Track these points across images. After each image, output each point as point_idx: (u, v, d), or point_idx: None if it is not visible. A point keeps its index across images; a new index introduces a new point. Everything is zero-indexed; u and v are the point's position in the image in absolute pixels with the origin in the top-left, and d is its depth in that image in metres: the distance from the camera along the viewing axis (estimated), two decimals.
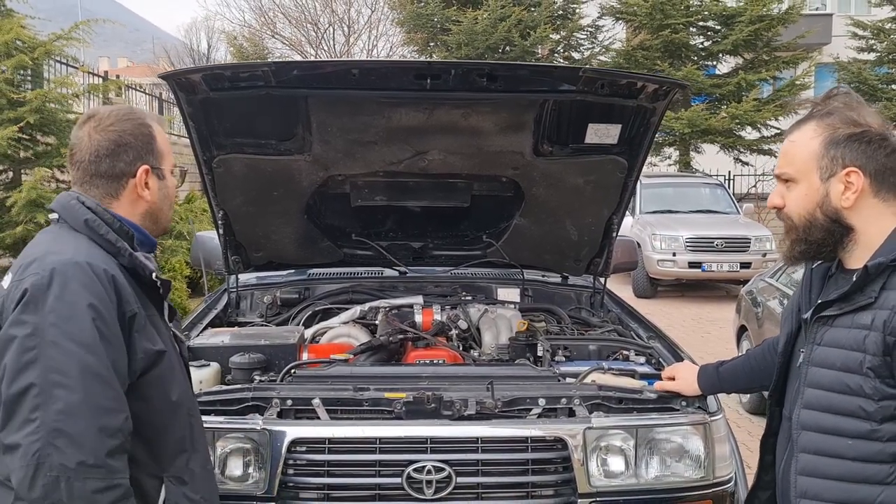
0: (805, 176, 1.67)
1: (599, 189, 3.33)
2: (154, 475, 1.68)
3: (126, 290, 1.62)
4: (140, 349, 1.62)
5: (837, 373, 1.61)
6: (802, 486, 1.68)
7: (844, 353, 1.60)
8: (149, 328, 1.66)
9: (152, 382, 1.66)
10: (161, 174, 1.79)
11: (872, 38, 18.27)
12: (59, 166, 7.29)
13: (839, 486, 1.62)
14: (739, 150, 17.18)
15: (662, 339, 3.06)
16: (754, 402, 6.04)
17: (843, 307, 1.63)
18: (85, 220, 1.66)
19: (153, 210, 1.79)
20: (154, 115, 1.88)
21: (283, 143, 3.14)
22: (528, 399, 2.38)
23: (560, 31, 19.08)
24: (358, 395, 2.35)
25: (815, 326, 1.69)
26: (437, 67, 2.78)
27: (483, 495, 2.26)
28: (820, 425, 1.65)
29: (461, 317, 3.28)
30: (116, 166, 1.72)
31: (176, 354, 1.80)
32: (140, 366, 1.62)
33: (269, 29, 25.73)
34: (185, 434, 1.74)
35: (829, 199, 1.65)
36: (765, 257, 11.08)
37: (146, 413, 1.65)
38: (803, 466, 1.68)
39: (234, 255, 3.54)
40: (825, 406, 1.64)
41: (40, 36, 7.66)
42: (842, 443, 1.61)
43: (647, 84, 2.87)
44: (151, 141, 1.76)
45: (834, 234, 1.66)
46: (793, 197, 1.70)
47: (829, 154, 1.64)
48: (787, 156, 1.72)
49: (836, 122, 1.65)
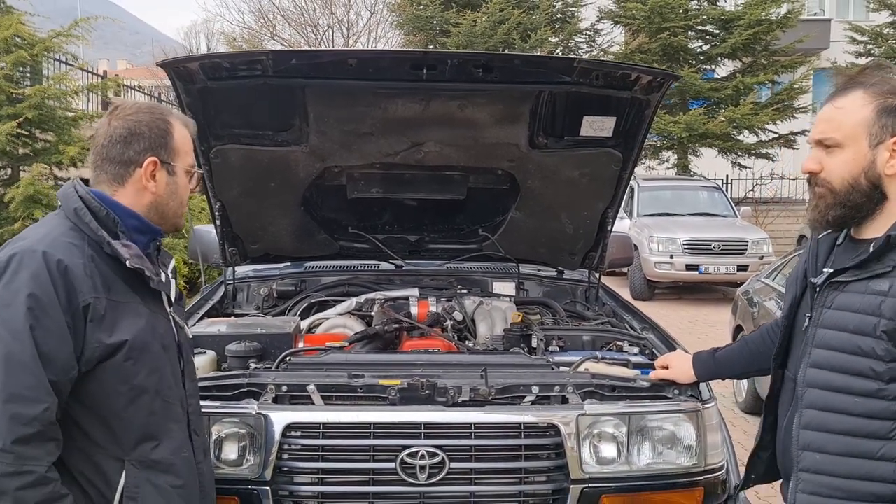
0: (853, 141, 1.70)
1: (594, 182, 3.35)
2: (115, 458, 1.70)
3: (82, 281, 1.63)
4: (93, 339, 1.63)
5: (850, 335, 1.68)
6: (806, 438, 1.76)
7: (858, 317, 1.67)
8: (111, 317, 1.66)
9: (113, 369, 1.67)
10: (172, 170, 1.81)
11: (870, 42, 18.37)
12: (58, 163, 7.32)
13: (843, 440, 1.70)
14: (737, 153, 17.23)
15: (656, 331, 3.08)
16: (750, 402, 6.05)
17: (858, 274, 1.70)
18: (74, 208, 1.71)
19: (158, 203, 1.80)
20: (181, 117, 1.90)
21: (280, 134, 3.15)
22: (522, 386, 2.39)
23: (559, 34, 19.14)
24: (353, 382, 2.36)
25: (826, 291, 1.76)
26: (433, 58, 2.80)
27: (476, 480, 2.27)
28: (828, 383, 1.72)
29: (456, 308, 3.30)
30: (126, 153, 1.76)
31: (170, 339, 1.81)
32: (95, 354, 1.64)
33: (268, 31, 25.80)
34: (150, 420, 1.73)
35: (875, 166, 1.70)
36: (762, 260, 11.11)
37: (105, 398, 1.68)
38: (808, 421, 1.76)
39: (231, 247, 3.55)
40: (835, 365, 1.71)
41: (39, 33, 7.68)
42: (849, 400, 1.69)
43: (641, 75, 2.89)
44: (166, 136, 1.79)
45: (872, 200, 1.71)
46: (836, 162, 1.72)
47: (881, 122, 1.68)
48: (832, 121, 1.73)
49: (886, 90, 1.70)
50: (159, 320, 1.79)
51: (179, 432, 1.81)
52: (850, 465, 1.69)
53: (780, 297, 5.67)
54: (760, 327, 2.28)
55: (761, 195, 18.46)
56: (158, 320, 1.79)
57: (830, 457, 1.72)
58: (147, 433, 1.73)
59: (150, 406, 1.73)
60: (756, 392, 5.86)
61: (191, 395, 1.89)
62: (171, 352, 1.82)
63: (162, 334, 1.79)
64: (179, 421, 1.82)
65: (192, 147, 1.88)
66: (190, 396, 1.88)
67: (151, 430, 1.73)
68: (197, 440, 1.88)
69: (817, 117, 1.80)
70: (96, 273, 1.66)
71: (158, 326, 1.78)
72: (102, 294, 1.66)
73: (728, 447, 2.56)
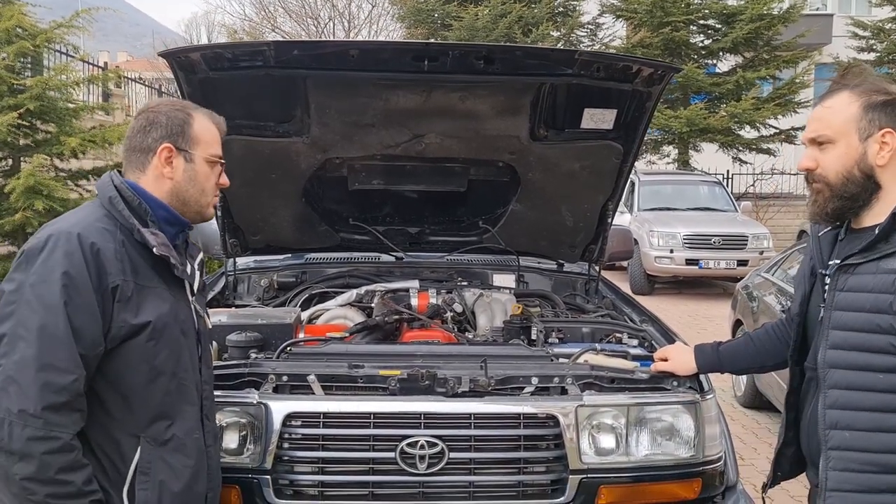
0: (844, 136, 1.83)
1: (595, 174, 3.35)
2: (131, 434, 1.79)
3: (112, 264, 1.73)
4: (119, 319, 1.74)
5: (867, 314, 1.76)
6: (833, 418, 1.82)
7: (873, 297, 1.76)
8: (137, 300, 1.76)
9: (135, 348, 1.77)
10: (189, 157, 1.89)
11: (873, 38, 18.32)
12: (59, 154, 7.29)
13: (870, 416, 1.77)
14: (738, 148, 17.20)
15: (655, 323, 3.09)
16: (749, 396, 6.07)
17: (868, 255, 1.79)
18: (109, 196, 1.83)
19: (178, 190, 1.89)
20: (209, 113, 1.98)
21: (281, 125, 3.16)
22: (521, 377, 2.40)
23: (560, 28, 19.11)
24: (353, 372, 2.37)
25: (837, 276, 1.85)
26: (434, 49, 2.80)
27: (475, 470, 2.28)
28: (850, 362, 1.79)
29: (456, 300, 3.31)
30: (145, 141, 1.88)
31: (189, 326, 1.90)
32: (120, 333, 1.74)
33: (269, 23, 25.76)
34: (166, 400, 1.82)
35: (866, 157, 1.82)
36: (762, 255, 11.09)
37: (127, 375, 1.77)
38: (834, 400, 1.82)
39: (232, 238, 3.56)
40: (855, 345, 1.79)
41: (41, 24, 7.66)
42: (872, 377, 1.76)
43: (642, 67, 2.89)
44: (184, 125, 1.89)
45: (867, 190, 1.83)
46: (830, 157, 1.84)
47: (867, 117, 1.81)
48: (823, 120, 1.86)
49: (870, 89, 1.83)
50: (181, 307, 1.88)
51: (192, 415, 1.89)
52: (880, 439, 1.75)
53: (779, 292, 5.68)
54: (765, 325, 2.33)
55: (762, 190, 18.44)
56: (181, 307, 1.88)
57: (859, 433, 1.78)
58: (162, 412, 1.82)
59: (167, 386, 1.82)
60: (755, 387, 5.88)
61: (206, 382, 1.96)
62: (191, 338, 1.91)
63: (183, 320, 1.87)
64: (193, 404, 1.90)
65: (216, 139, 1.95)
66: (205, 383, 1.96)
67: (166, 410, 1.83)
68: (208, 424, 1.96)
69: (809, 118, 1.93)
70: (126, 258, 1.76)
71: (180, 312, 1.87)
72: (130, 277, 1.76)
73: (726, 439, 2.57)
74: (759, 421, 5.85)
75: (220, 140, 1.98)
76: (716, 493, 2.45)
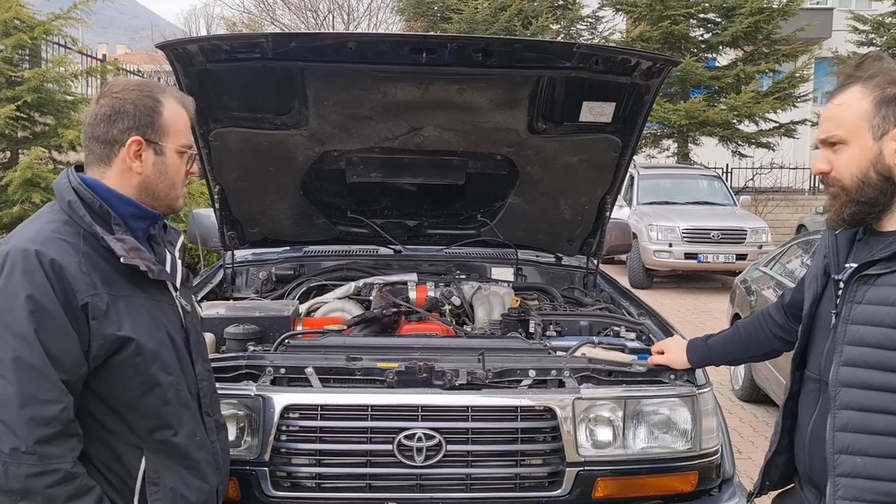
0: (857, 136, 1.67)
1: (593, 168, 3.35)
2: (133, 445, 1.70)
3: (78, 279, 1.59)
4: (99, 336, 1.61)
5: (887, 329, 1.61)
6: (844, 441, 1.66)
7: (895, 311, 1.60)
8: (115, 311, 1.64)
9: (123, 363, 1.65)
10: (160, 150, 1.74)
11: (872, 32, 18.29)
12: (57, 146, 7.30)
13: (886, 441, 1.61)
14: (738, 142, 17.20)
15: (653, 317, 3.09)
16: (746, 390, 6.08)
17: (890, 266, 1.64)
18: (68, 201, 1.68)
19: (147, 185, 1.74)
20: (177, 94, 1.82)
21: (279, 118, 3.15)
22: (519, 370, 2.40)
23: (560, 21, 19.08)
24: (350, 365, 2.37)
25: (855, 286, 1.69)
26: (432, 42, 2.79)
27: (473, 463, 2.29)
28: (865, 382, 1.64)
29: (454, 293, 3.31)
30: (110, 132, 1.71)
31: (176, 327, 1.78)
32: (103, 350, 1.62)
33: (268, 16, 25.71)
34: (164, 410, 1.73)
35: (883, 157, 1.65)
36: (760, 249, 11.12)
37: (117, 389, 1.67)
38: (845, 423, 1.66)
39: (230, 231, 3.55)
40: (872, 363, 1.63)
41: (39, 16, 7.65)
42: (890, 398, 1.61)
43: (640, 60, 2.89)
44: (153, 114, 1.72)
45: (886, 193, 1.66)
46: (843, 159, 1.68)
47: (881, 113, 1.65)
48: (834, 119, 1.70)
49: (883, 82, 1.66)
50: (163, 309, 1.76)
51: (191, 418, 1.80)
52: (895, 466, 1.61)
53: (778, 286, 5.68)
54: (752, 314, 2.25)
55: (761, 184, 18.45)
56: (162, 309, 1.76)
57: (873, 459, 1.63)
58: (162, 422, 1.73)
59: (164, 396, 1.72)
60: (753, 380, 5.89)
61: (202, 378, 1.86)
62: (178, 340, 1.80)
63: (166, 324, 1.76)
64: (190, 407, 1.80)
65: (186, 126, 1.80)
66: (201, 379, 1.86)
67: (166, 419, 1.73)
68: (209, 420, 1.87)
69: (821, 117, 1.76)
70: (93, 270, 1.63)
71: (162, 317, 1.75)
72: (103, 289, 1.63)
73: (723, 432, 2.58)
74: (756, 414, 5.86)
75: (191, 123, 1.83)
76: (712, 486, 2.45)
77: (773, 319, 2.14)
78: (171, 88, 1.84)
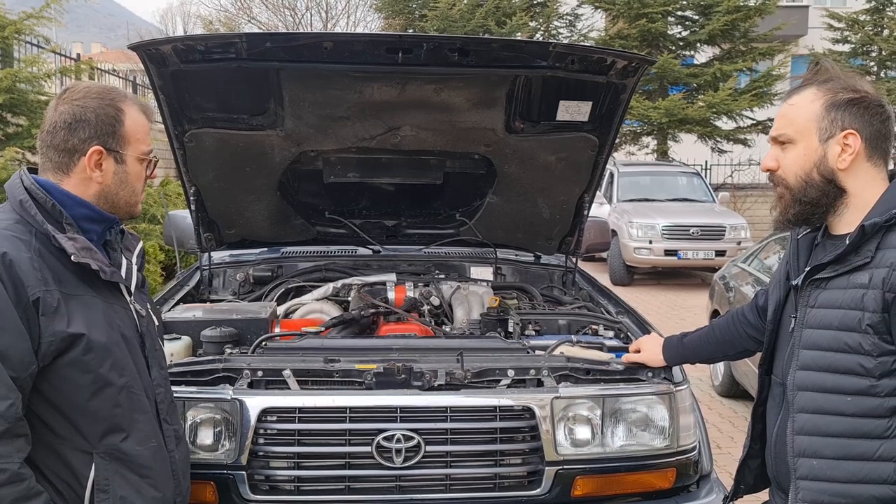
0: (804, 136, 1.71)
1: (571, 167, 3.36)
2: (83, 450, 1.66)
3: (29, 274, 1.57)
4: (48, 332, 1.58)
5: (835, 332, 1.64)
6: (801, 445, 1.70)
7: (842, 313, 1.64)
8: (66, 309, 1.61)
9: (72, 362, 1.62)
10: (120, 158, 1.72)
11: (847, 29, 18.50)
12: (30, 147, 7.20)
13: (839, 442, 1.64)
14: (716, 139, 17.35)
15: (631, 315, 3.10)
16: (726, 385, 6.13)
17: (838, 269, 1.67)
18: (20, 200, 1.66)
19: (107, 193, 1.73)
20: (137, 101, 1.79)
21: (255, 118, 3.12)
22: (498, 370, 2.40)
23: (537, 18, 19.11)
24: (328, 367, 2.36)
25: (808, 290, 1.73)
26: (408, 41, 2.78)
27: (452, 463, 2.29)
28: (818, 384, 1.67)
29: (433, 293, 3.31)
30: (69, 141, 1.68)
31: (130, 330, 1.75)
32: (52, 348, 1.59)
33: (245, 14, 25.55)
34: (116, 412, 1.68)
35: (826, 160, 1.69)
36: (739, 245, 11.20)
37: (66, 391, 1.63)
38: (801, 426, 1.70)
39: (206, 233, 3.52)
40: (823, 365, 1.66)
41: (10, 15, 7.54)
42: (841, 400, 1.64)
43: (616, 60, 2.89)
44: (115, 123, 1.70)
45: (828, 195, 1.70)
46: (790, 158, 1.73)
47: (830, 116, 1.68)
48: (785, 117, 1.75)
49: (837, 87, 1.70)
50: (117, 311, 1.73)
51: (146, 423, 1.75)
52: (848, 468, 1.63)
53: (756, 283, 5.73)
54: (727, 312, 2.28)
55: (739, 181, 18.61)
56: (116, 311, 1.72)
57: (827, 461, 1.65)
58: (113, 425, 1.68)
59: (115, 398, 1.68)
60: (732, 376, 5.94)
61: (158, 385, 1.82)
62: (133, 342, 1.76)
63: (120, 325, 1.72)
64: (146, 411, 1.76)
65: (147, 133, 1.79)
66: (157, 385, 1.81)
67: (117, 422, 1.69)
68: (168, 428, 1.83)
69: (776, 116, 1.81)
70: (45, 267, 1.60)
71: (115, 318, 1.71)
72: (54, 286, 1.60)
73: (701, 429, 2.59)
74: (735, 410, 5.91)
75: (149, 128, 1.80)
76: (690, 482, 2.47)
77: (747, 319, 2.15)
78: (132, 95, 1.82)
